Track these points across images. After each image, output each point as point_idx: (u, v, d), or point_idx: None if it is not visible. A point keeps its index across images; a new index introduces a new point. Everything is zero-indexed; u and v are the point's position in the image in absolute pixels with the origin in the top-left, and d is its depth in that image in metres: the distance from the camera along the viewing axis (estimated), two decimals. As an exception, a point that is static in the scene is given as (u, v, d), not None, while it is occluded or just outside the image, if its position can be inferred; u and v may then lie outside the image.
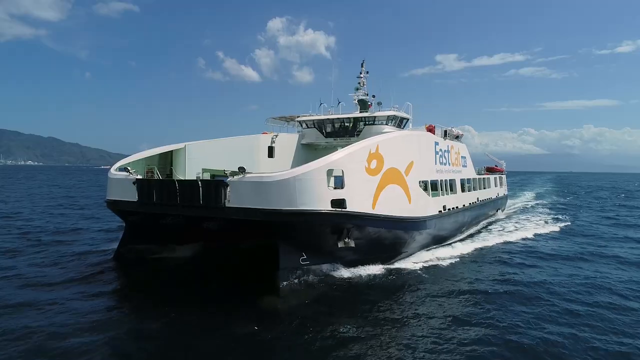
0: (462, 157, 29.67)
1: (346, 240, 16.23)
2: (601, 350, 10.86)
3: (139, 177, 18.34)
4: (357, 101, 28.58)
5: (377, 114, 26.67)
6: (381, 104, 27.49)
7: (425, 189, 22.09)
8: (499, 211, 40.60)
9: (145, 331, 11.99)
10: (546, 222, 35.71)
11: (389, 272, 17.74)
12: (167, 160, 22.17)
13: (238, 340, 11.27)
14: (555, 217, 40.35)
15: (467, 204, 28.58)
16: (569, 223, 35.54)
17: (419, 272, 18.22)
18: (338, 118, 27.43)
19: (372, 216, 16.99)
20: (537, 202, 57.87)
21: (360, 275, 16.80)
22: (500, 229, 31.79)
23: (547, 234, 29.94)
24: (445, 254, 21.68)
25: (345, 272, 16.69)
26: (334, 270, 16.65)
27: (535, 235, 28.99)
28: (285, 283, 15.13)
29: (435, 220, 22.49)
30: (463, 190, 28.65)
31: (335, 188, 15.70)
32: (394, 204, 18.50)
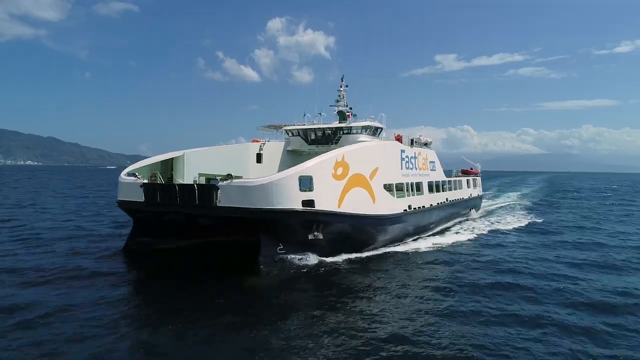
0: (430, 161, 33.30)
1: (315, 233, 19.88)
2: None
3: (145, 181, 21.96)
4: (337, 112, 32.23)
5: (353, 124, 30.29)
6: (356, 115, 31.18)
7: (390, 191, 25.70)
8: (473, 210, 44.14)
9: (156, 301, 15.63)
10: (514, 220, 39.47)
11: (354, 260, 21.36)
12: (168, 166, 25.77)
13: (227, 307, 14.82)
14: (525, 215, 44.16)
15: (434, 204, 32.19)
16: (536, 221, 39.26)
17: (381, 260, 21.86)
18: (320, 128, 31.05)
19: (338, 214, 20.63)
20: (517, 202, 61.59)
21: (328, 262, 20.40)
22: (468, 226, 35.51)
23: (508, 230, 33.66)
24: (410, 247, 25.36)
25: (314, 260, 20.27)
26: (305, 258, 20.23)
27: (494, 231, 32.77)
28: (264, 267, 18.76)
29: (401, 217, 26.12)
30: (431, 191, 32.30)
31: (305, 191, 19.34)
32: (359, 204, 22.13)
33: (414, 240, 27.72)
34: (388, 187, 25.46)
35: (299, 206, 18.96)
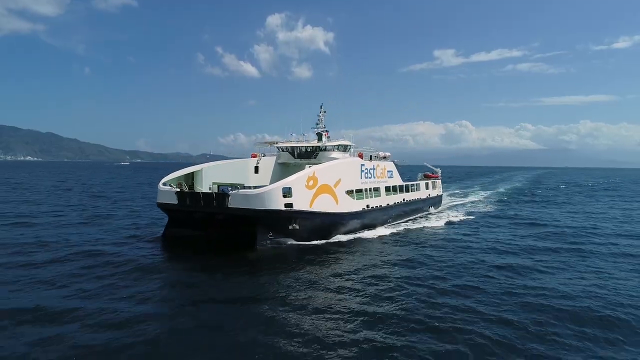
0: (388, 171, 43.16)
1: (294, 225, 29.78)
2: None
3: (178, 189, 31.81)
4: (316, 134, 42.12)
5: (327, 143, 40.22)
6: (329, 137, 41.05)
7: (351, 195, 35.59)
8: (432, 207, 54.02)
9: (188, 269, 25.58)
10: (463, 215, 49.44)
11: (322, 244, 31.22)
12: (190, 177, 35.63)
13: (234, 272, 24.68)
14: (480, 211, 54.31)
15: (391, 203, 42.11)
16: (479, 214, 49.26)
17: (344, 243, 31.77)
18: (303, 146, 40.94)
19: (309, 212, 30.52)
20: (483, 199, 71.67)
21: (302, 245, 30.30)
22: (421, 219, 45.55)
23: (450, 222, 43.65)
24: (368, 235, 35.24)
25: (294, 242, 30.21)
26: (287, 242, 30.12)
27: (438, 224, 42.79)
28: (259, 247, 28.68)
29: (359, 214, 35.99)
30: (388, 193, 42.20)
31: (287, 197, 29.19)
32: (325, 205, 32.01)
33: (372, 229, 37.63)
34: (349, 192, 35.36)
35: (282, 207, 28.90)
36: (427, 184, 53.18)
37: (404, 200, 45.40)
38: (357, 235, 34.70)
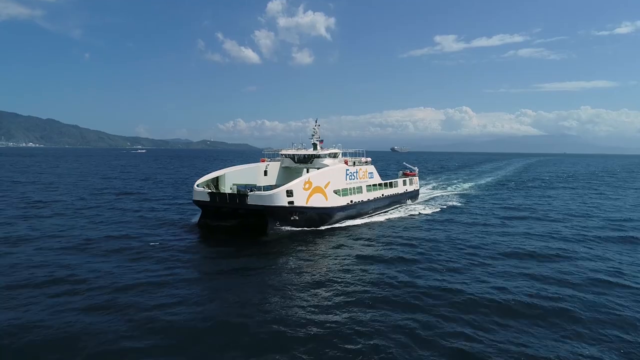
0: (369, 173, 54.37)
1: (295, 217, 41.21)
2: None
3: (209, 190, 43.09)
4: (312, 143, 53.30)
5: (320, 152, 51.44)
6: (323, 148, 52.24)
7: (337, 193, 46.87)
8: (409, 200, 65.31)
9: (217, 246, 37.04)
10: (433, 207, 60.81)
11: (315, 230, 42.64)
12: (216, 180, 46.88)
13: (252, 249, 36.10)
14: (451, 204, 65.75)
15: (371, 198, 53.44)
16: (450, 207, 60.66)
17: (333, 230, 43.19)
18: (301, 154, 52.13)
19: (306, 207, 41.87)
20: (461, 191, 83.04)
21: (301, 230, 41.71)
22: (398, 211, 56.98)
23: (421, 213, 55.06)
24: (352, 223, 46.61)
25: (294, 229, 41.63)
26: (289, 229, 41.55)
27: (404, 215, 54.22)
28: (270, 232, 40.16)
29: (344, 208, 47.35)
30: (369, 191, 53.50)
31: (289, 196, 40.52)
32: (318, 202, 43.32)
33: (357, 219, 49.02)
34: (336, 191, 46.67)
35: (286, 204, 40.25)
36: (404, 181, 64.48)
37: (382, 195, 56.73)
38: (344, 224, 46.17)
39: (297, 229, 41.86)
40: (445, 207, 60.66)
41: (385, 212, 55.81)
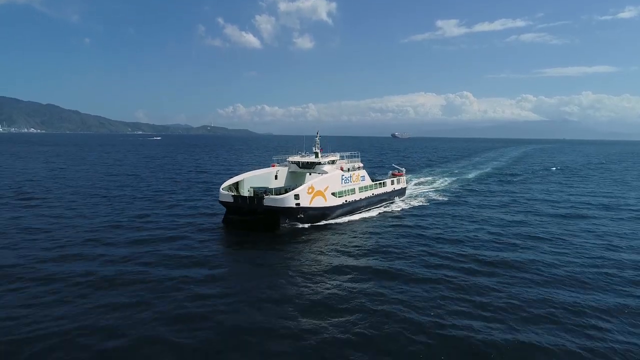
0: (361, 176, 65.28)
1: (301, 215, 52.39)
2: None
3: (233, 193, 54.15)
4: (314, 152, 64.23)
5: (321, 159, 62.42)
6: (323, 156, 63.15)
7: (334, 195, 57.88)
8: (397, 197, 76.32)
9: (238, 237, 48.24)
10: (417, 202, 71.82)
11: (317, 225, 53.74)
12: (236, 184, 57.84)
13: (267, 240, 47.27)
14: (433, 200, 76.76)
15: (363, 197, 64.49)
16: (431, 203, 71.67)
17: (331, 224, 54.32)
18: (305, 161, 63.12)
19: (309, 207, 52.96)
20: (445, 186, 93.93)
21: (306, 226, 52.83)
22: (385, 207, 68.06)
23: (405, 207, 66.13)
24: (345, 219, 57.75)
25: (300, 225, 52.78)
26: (296, 225, 52.69)
27: (395, 209, 65.32)
28: (282, 227, 51.38)
29: (341, 206, 58.42)
30: (361, 191, 64.53)
31: (297, 199, 51.59)
32: (319, 202, 54.38)
33: (350, 215, 60.18)
34: (334, 193, 57.68)
35: (294, 205, 51.37)
36: (392, 181, 75.49)
37: (372, 194, 67.80)
38: (341, 219, 57.35)
39: (302, 224, 53.00)
40: (428, 203, 71.77)
41: (376, 207, 67.10)
